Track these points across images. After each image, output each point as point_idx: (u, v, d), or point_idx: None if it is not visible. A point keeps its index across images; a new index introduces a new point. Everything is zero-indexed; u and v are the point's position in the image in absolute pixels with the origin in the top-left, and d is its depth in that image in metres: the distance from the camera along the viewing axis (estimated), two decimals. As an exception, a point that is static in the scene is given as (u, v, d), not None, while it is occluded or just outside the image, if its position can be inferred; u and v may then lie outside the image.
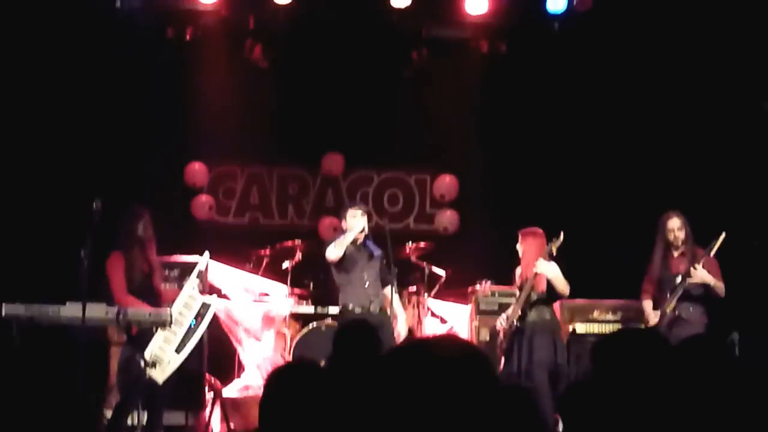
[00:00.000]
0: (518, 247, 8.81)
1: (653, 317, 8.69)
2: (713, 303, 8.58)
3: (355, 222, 8.87)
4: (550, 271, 8.51)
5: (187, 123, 11.47)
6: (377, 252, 9.04)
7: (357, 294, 8.90)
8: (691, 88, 10.96)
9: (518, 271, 8.92)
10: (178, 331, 7.92)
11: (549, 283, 8.57)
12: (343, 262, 8.93)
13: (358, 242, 8.97)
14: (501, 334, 8.89)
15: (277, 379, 3.41)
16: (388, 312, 8.98)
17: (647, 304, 8.83)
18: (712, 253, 8.47)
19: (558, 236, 8.49)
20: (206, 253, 8.70)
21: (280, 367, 3.57)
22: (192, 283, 8.21)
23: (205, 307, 8.17)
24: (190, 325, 8.03)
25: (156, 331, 7.79)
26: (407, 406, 2.32)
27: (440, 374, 2.35)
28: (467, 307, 10.77)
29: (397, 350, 2.48)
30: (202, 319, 8.13)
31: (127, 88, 11.10)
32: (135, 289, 8.01)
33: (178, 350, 7.91)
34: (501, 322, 8.87)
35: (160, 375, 7.78)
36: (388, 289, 8.98)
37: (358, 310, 8.82)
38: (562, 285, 8.55)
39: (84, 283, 7.27)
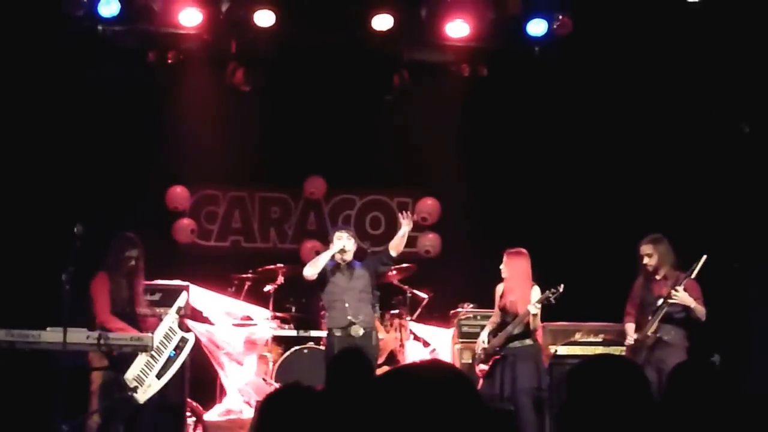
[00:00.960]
0: (502, 267, 8.83)
1: (630, 339, 8.69)
2: (695, 326, 8.59)
3: (338, 243, 8.90)
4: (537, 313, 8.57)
5: (168, 147, 11.48)
6: (360, 272, 9.03)
7: (337, 317, 8.90)
8: (671, 110, 11.04)
9: (498, 289, 8.96)
10: (159, 358, 7.94)
11: None
12: (325, 285, 8.99)
13: (342, 264, 8.98)
14: (479, 352, 8.92)
15: (271, 404, 3.39)
16: (378, 333, 9.08)
17: (629, 327, 8.83)
18: (694, 275, 8.48)
19: (558, 287, 8.49)
20: (184, 293, 8.83)
21: (275, 391, 3.55)
22: (171, 317, 8.26)
23: (183, 341, 8.24)
24: (170, 356, 8.05)
25: (138, 354, 7.78)
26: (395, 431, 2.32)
27: (426, 399, 2.36)
28: (449, 331, 10.76)
29: (383, 376, 2.48)
30: (180, 351, 8.17)
31: (109, 111, 11.10)
32: (115, 312, 8.02)
33: (158, 376, 7.93)
34: (482, 343, 8.91)
35: (141, 396, 7.77)
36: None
37: (338, 333, 8.83)
38: (538, 325, 8.70)
39: (65, 308, 7.24)
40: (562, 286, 8.46)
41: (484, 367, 8.85)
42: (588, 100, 11.26)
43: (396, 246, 9.06)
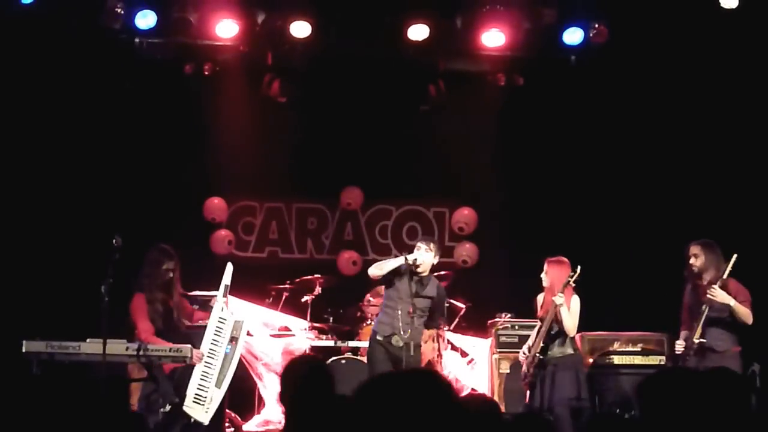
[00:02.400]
0: (543, 275, 8.75)
1: (679, 347, 8.57)
2: (744, 331, 8.42)
3: (414, 254, 8.81)
4: (571, 306, 8.47)
5: (205, 158, 11.55)
6: (429, 292, 8.93)
7: (384, 323, 8.86)
8: (709, 117, 10.93)
9: (539, 299, 8.88)
10: (214, 364, 7.90)
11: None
12: (388, 289, 8.96)
13: (415, 276, 8.84)
14: (524, 367, 8.84)
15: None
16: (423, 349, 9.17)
17: (682, 335, 8.67)
18: (726, 274, 8.34)
19: (575, 270, 8.45)
20: (229, 266, 8.62)
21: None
22: (219, 303, 8.21)
23: (237, 327, 8.18)
24: (226, 352, 8.02)
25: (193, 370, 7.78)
26: None
27: (405, 407, 2.36)
28: (487, 341, 10.71)
29: (365, 385, 2.49)
30: (236, 342, 8.13)
31: (146, 123, 11.17)
32: (157, 329, 8.01)
33: (218, 384, 7.89)
34: (524, 354, 8.84)
35: (204, 416, 7.75)
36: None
37: (380, 338, 8.83)
38: (570, 324, 8.51)
39: (105, 319, 7.25)
40: (579, 267, 8.40)
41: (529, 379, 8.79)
42: (625, 108, 11.19)
43: None
